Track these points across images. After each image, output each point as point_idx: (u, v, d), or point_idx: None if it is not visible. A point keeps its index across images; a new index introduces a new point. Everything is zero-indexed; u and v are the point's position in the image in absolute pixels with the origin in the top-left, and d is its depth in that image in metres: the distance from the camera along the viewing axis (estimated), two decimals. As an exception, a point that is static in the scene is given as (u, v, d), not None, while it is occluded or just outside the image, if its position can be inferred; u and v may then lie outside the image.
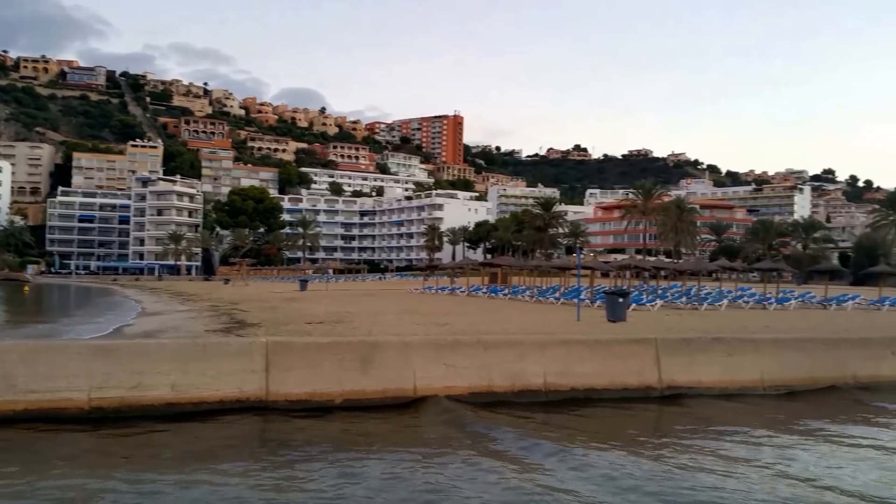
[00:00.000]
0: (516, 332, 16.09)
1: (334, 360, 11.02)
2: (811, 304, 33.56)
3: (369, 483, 7.44)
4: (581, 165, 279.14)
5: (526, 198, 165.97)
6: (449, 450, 8.74)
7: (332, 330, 17.02)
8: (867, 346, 14.93)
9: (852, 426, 10.85)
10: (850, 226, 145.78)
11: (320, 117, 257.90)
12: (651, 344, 13.14)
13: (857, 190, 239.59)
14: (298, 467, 7.96)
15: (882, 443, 9.81)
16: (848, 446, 9.55)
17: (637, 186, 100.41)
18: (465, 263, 57.47)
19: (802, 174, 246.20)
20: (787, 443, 9.63)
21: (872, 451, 9.32)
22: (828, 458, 8.87)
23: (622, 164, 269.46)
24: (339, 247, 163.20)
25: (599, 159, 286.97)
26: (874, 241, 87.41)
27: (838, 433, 10.29)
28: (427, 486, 7.35)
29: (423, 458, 8.43)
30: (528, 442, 9.18)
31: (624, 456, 8.62)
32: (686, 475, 7.85)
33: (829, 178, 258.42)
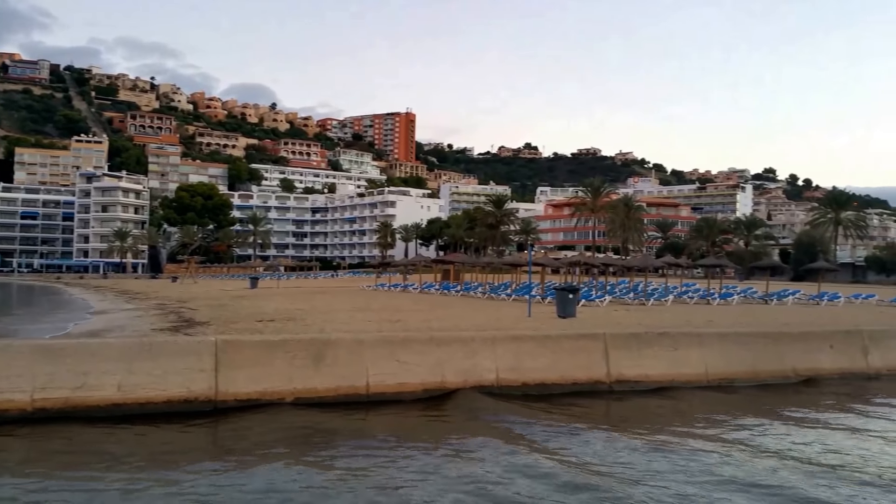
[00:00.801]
0: (469, 328, 16.19)
1: (286, 357, 10.93)
2: (753, 300, 34.51)
3: (320, 484, 7.41)
4: (532, 163, 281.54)
5: (478, 195, 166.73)
6: (402, 449, 8.77)
7: (284, 328, 16.85)
8: (807, 340, 15.41)
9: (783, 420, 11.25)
10: (790, 223, 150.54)
11: (271, 113, 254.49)
12: (600, 339, 13.38)
13: (796, 189, 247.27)
14: (248, 468, 7.88)
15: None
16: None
17: (586, 185, 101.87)
18: (417, 260, 57.45)
19: (744, 173, 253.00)
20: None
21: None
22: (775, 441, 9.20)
23: (572, 163, 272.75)
24: (291, 244, 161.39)
25: (550, 158, 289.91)
26: (813, 238, 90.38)
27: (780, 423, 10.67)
28: (381, 485, 7.38)
29: (378, 456, 8.44)
30: (479, 440, 9.26)
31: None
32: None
33: (770, 177, 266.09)
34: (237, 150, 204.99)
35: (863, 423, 10.85)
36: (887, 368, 15.39)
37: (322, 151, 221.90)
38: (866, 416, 11.47)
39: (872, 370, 15.18)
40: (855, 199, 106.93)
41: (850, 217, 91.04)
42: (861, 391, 13.73)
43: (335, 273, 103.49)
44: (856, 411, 11.84)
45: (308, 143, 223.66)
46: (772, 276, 48.54)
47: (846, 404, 12.40)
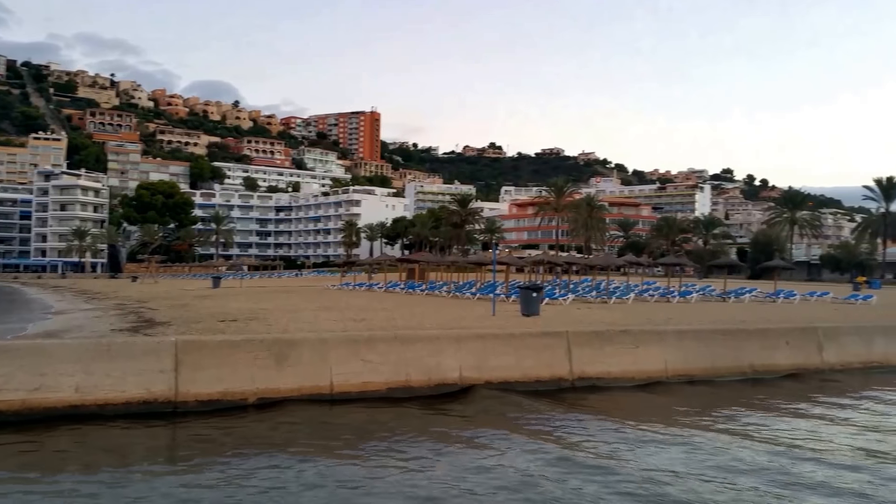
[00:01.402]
0: (433, 327, 16.23)
1: (248, 357, 10.86)
2: (711, 297, 35.10)
3: (269, 485, 7.38)
4: (496, 163, 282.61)
5: (443, 194, 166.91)
6: (363, 450, 8.78)
7: (247, 327, 16.70)
8: (763, 337, 15.76)
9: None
10: (747, 223, 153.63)
11: (234, 111, 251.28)
12: (563, 337, 13.53)
13: (753, 189, 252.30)
14: (208, 470, 7.79)
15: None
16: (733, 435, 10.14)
17: (550, 184, 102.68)
18: (382, 259, 57.33)
19: (703, 173, 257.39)
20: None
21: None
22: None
23: (536, 163, 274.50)
24: (254, 243, 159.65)
25: (514, 157, 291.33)
26: (769, 237, 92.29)
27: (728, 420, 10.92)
28: (342, 484, 7.39)
29: (339, 456, 8.44)
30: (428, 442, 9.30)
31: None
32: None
33: (727, 177, 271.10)
34: (199, 148, 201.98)
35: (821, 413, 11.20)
36: (841, 364, 15.82)
37: (286, 150, 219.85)
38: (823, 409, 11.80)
39: (827, 366, 15.59)
40: (810, 199, 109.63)
41: (806, 216, 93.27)
42: (816, 386, 14.10)
43: (299, 272, 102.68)
44: (813, 404, 12.18)
45: (272, 141, 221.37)
46: (729, 275, 49.46)
47: (800, 398, 12.73)
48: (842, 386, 14.12)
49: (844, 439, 9.68)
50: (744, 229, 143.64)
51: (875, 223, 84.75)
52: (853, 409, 11.96)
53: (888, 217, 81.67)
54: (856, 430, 10.35)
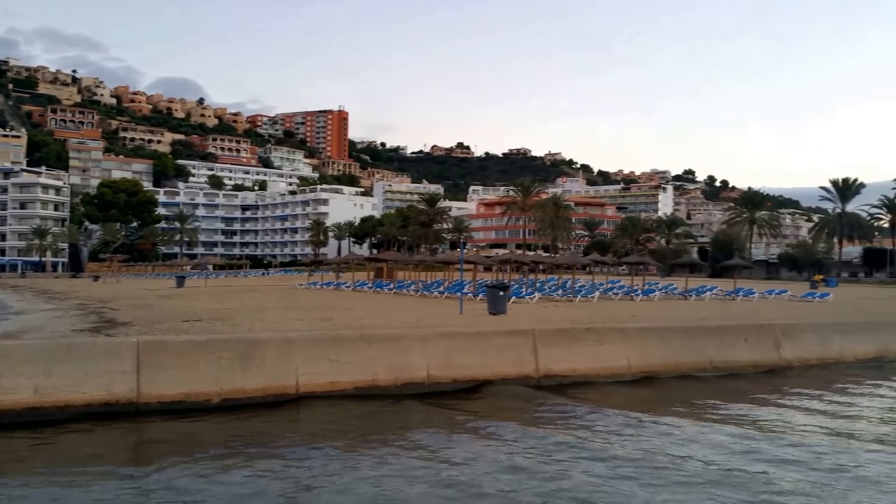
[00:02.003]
0: (401, 326, 16.25)
1: (211, 358, 10.79)
2: (673, 295, 35.60)
3: (239, 488, 7.36)
4: (464, 163, 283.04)
5: (411, 193, 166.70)
6: (323, 449, 8.79)
7: (211, 327, 16.53)
8: (723, 334, 16.12)
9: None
10: (708, 222, 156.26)
11: (198, 108, 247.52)
12: (529, 335, 13.68)
13: (714, 189, 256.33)
14: (169, 472, 7.72)
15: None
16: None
17: (517, 184, 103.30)
18: (350, 258, 57.12)
19: (666, 174, 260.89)
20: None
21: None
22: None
23: (503, 162, 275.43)
24: (220, 242, 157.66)
25: (481, 157, 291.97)
26: (729, 236, 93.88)
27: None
28: (296, 486, 7.40)
29: (296, 458, 8.43)
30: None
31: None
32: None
33: (689, 178, 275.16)
34: (163, 146, 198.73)
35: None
36: (798, 360, 16.23)
37: (252, 148, 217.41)
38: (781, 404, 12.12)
39: (784, 362, 15.98)
40: (769, 199, 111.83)
41: (765, 216, 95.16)
42: (773, 382, 14.45)
43: (266, 271, 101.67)
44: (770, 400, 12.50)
45: (238, 139, 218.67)
46: (691, 273, 50.44)
47: (759, 394, 13.05)
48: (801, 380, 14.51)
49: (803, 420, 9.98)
50: (705, 229, 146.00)
51: (831, 223, 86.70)
52: (815, 399, 12.33)
53: (844, 217, 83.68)
54: (822, 416, 10.69)
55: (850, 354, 17.07)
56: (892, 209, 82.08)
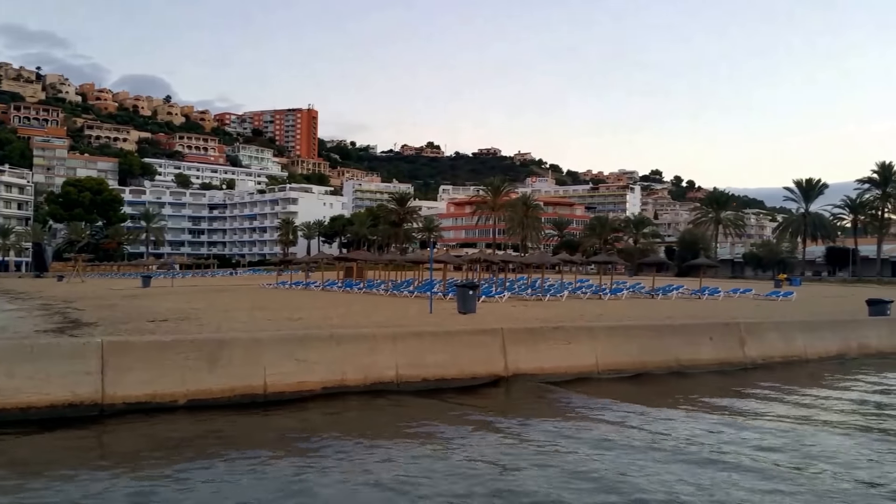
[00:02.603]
0: (370, 325, 16.24)
1: (178, 358, 10.67)
2: (641, 294, 36.05)
3: (207, 492, 7.30)
4: (434, 162, 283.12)
5: (381, 193, 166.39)
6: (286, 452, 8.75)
7: (177, 328, 16.36)
8: (688, 333, 16.34)
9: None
10: (674, 222, 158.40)
11: (165, 106, 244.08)
12: (498, 334, 13.76)
13: (681, 189, 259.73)
14: (134, 476, 7.63)
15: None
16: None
17: (487, 183, 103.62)
18: (319, 258, 56.76)
19: (633, 174, 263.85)
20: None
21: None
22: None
23: (473, 162, 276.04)
24: (187, 241, 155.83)
25: (452, 157, 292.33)
26: (695, 235, 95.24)
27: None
28: (279, 486, 7.37)
29: (270, 459, 8.40)
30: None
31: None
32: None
33: (656, 178, 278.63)
34: (129, 144, 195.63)
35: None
36: (762, 358, 16.52)
37: (220, 147, 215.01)
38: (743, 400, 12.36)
39: (748, 360, 16.25)
40: (734, 199, 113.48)
41: (730, 216, 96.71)
42: (738, 378, 14.71)
43: (234, 271, 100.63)
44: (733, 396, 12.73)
45: (205, 137, 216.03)
46: (658, 272, 51.08)
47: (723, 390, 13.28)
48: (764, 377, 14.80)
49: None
50: (672, 228, 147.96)
51: (795, 223, 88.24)
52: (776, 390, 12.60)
53: (808, 217, 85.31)
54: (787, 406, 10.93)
55: (814, 352, 17.41)
56: (855, 209, 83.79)
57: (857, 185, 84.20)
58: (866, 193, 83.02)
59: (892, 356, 18.38)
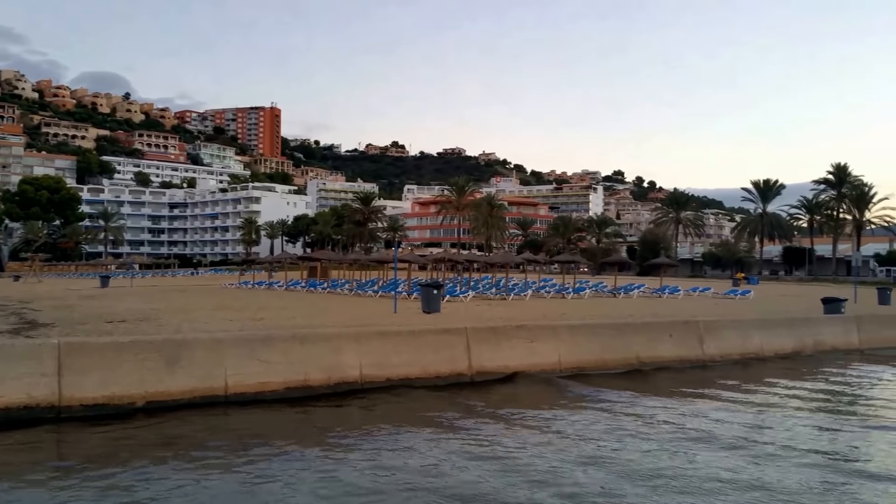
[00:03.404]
0: (334, 325, 16.15)
1: (136, 360, 10.52)
2: (603, 293, 36.39)
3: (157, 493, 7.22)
4: (399, 161, 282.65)
5: (345, 192, 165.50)
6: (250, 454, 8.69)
7: (136, 328, 16.07)
8: (649, 331, 16.61)
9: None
10: (636, 222, 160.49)
11: (125, 103, 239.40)
12: (462, 333, 13.81)
13: (642, 190, 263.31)
14: (88, 481, 7.48)
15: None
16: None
17: (452, 183, 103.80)
18: (283, 257, 56.23)
19: (596, 175, 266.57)
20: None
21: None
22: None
23: (438, 162, 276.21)
24: (147, 240, 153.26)
25: (416, 156, 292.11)
26: (656, 235, 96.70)
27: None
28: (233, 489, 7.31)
29: (227, 462, 8.32)
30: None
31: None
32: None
33: (619, 178, 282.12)
34: (87, 142, 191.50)
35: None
36: (720, 355, 16.88)
37: (181, 145, 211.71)
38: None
39: (707, 357, 16.59)
40: (694, 200, 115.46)
41: (689, 216, 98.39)
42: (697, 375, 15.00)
43: (195, 271, 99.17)
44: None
45: (165, 135, 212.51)
46: (620, 271, 51.70)
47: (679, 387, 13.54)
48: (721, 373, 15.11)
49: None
50: (633, 228, 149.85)
51: (753, 223, 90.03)
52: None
53: (765, 217, 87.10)
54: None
55: (770, 349, 17.85)
56: (811, 210, 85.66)
57: (814, 185, 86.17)
58: (822, 194, 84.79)
59: (845, 352, 18.92)
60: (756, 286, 49.45)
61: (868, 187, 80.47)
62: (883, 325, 21.48)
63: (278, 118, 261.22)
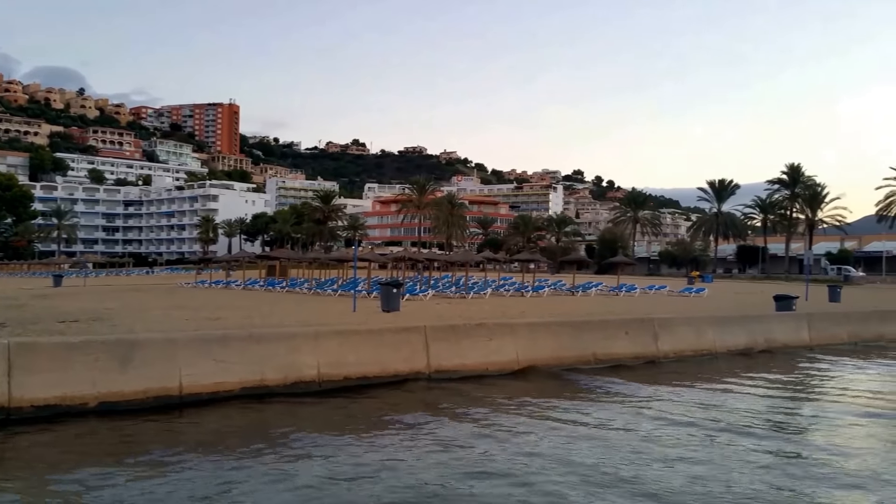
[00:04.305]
0: (292, 324, 16.07)
1: (88, 360, 10.35)
2: (562, 292, 36.78)
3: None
4: (360, 160, 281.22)
5: (305, 190, 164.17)
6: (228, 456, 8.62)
7: (89, 328, 15.77)
8: (605, 328, 16.86)
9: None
10: (595, 221, 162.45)
11: (79, 99, 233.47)
12: (420, 332, 13.86)
13: (601, 189, 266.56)
14: (36, 484, 7.35)
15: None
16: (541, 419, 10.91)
17: (413, 182, 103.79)
18: (241, 256, 55.55)
19: (556, 174, 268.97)
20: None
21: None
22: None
23: (399, 160, 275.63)
24: (101, 239, 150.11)
25: (377, 154, 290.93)
26: (614, 234, 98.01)
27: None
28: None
29: (180, 463, 8.26)
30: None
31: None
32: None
33: (578, 178, 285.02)
34: (40, 138, 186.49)
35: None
36: (674, 352, 17.21)
37: (136, 141, 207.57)
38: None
39: (661, 354, 16.90)
40: (651, 199, 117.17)
41: (647, 216, 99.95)
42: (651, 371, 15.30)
43: (151, 270, 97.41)
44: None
45: (121, 131, 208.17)
46: (578, 270, 52.32)
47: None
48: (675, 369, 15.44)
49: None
50: (592, 227, 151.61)
51: (708, 222, 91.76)
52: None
53: (720, 217, 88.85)
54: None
55: (723, 346, 18.23)
56: (765, 209, 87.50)
57: (768, 185, 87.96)
58: (776, 194, 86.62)
59: (797, 349, 19.46)
60: (710, 284, 50.49)
61: (821, 187, 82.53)
62: (833, 322, 22.07)
63: (237, 115, 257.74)
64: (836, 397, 12.97)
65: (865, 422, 10.96)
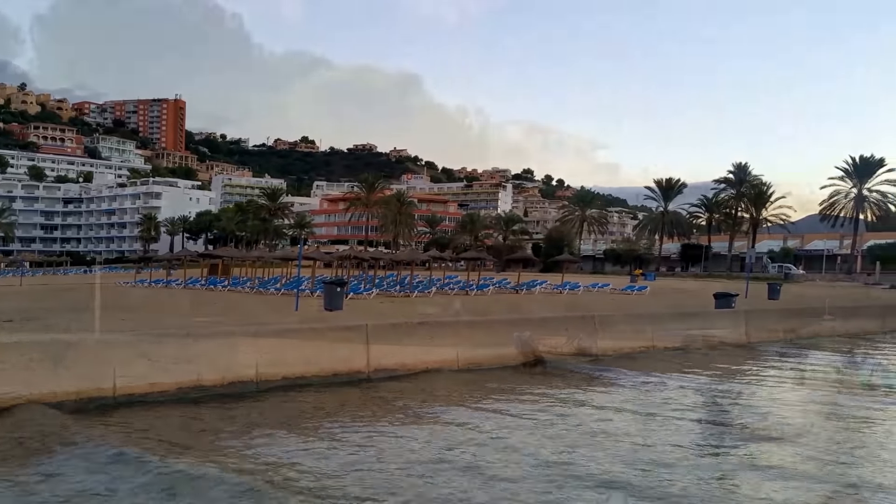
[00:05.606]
0: (231, 323, 15.92)
1: (21, 360, 10.17)
2: (506, 289, 37.18)
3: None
4: (308, 157, 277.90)
5: (252, 188, 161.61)
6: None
7: (22, 328, 15.37)
8: (546, 326, 17.17)
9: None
10: (543, 219, 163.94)
11: (19, 94, 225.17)
12: (362, 330, 13.90)
13: (550, 188, 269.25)
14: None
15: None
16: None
17: (361, 180, 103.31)
18: (182, 254, 54.51)
19: (506, 173, 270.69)
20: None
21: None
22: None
23: (348, 158, 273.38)
24: (39, 237, 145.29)
25: (326, 152, 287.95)
26: (561, 233, 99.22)
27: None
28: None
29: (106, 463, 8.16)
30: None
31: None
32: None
33: (528, 177, 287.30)
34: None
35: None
36: (613, 349, 17.59)
37: (78, 138, 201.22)
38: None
39: (601, 350, 17.26)
40: (599, 198, 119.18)
41: (594, 214, 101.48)
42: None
43: (89, 269, 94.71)
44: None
45: (62, 128, 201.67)
46: (524, 268, 52.73)
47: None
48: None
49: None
50: (541, 226, 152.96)
51: (654, 221, 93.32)
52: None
53: (666, 216, 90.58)
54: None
55: (661, 343, 18.69)
56: (710, 208, 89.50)
57: (715, 185, 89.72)
58: (722, 193, 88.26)
59: (734, 346, 20.06)
60: (652, 282, 51.60)
61: (766, 186, 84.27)
62: (770, 320, 22.82)
63: (182, 111, 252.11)
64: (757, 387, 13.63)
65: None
